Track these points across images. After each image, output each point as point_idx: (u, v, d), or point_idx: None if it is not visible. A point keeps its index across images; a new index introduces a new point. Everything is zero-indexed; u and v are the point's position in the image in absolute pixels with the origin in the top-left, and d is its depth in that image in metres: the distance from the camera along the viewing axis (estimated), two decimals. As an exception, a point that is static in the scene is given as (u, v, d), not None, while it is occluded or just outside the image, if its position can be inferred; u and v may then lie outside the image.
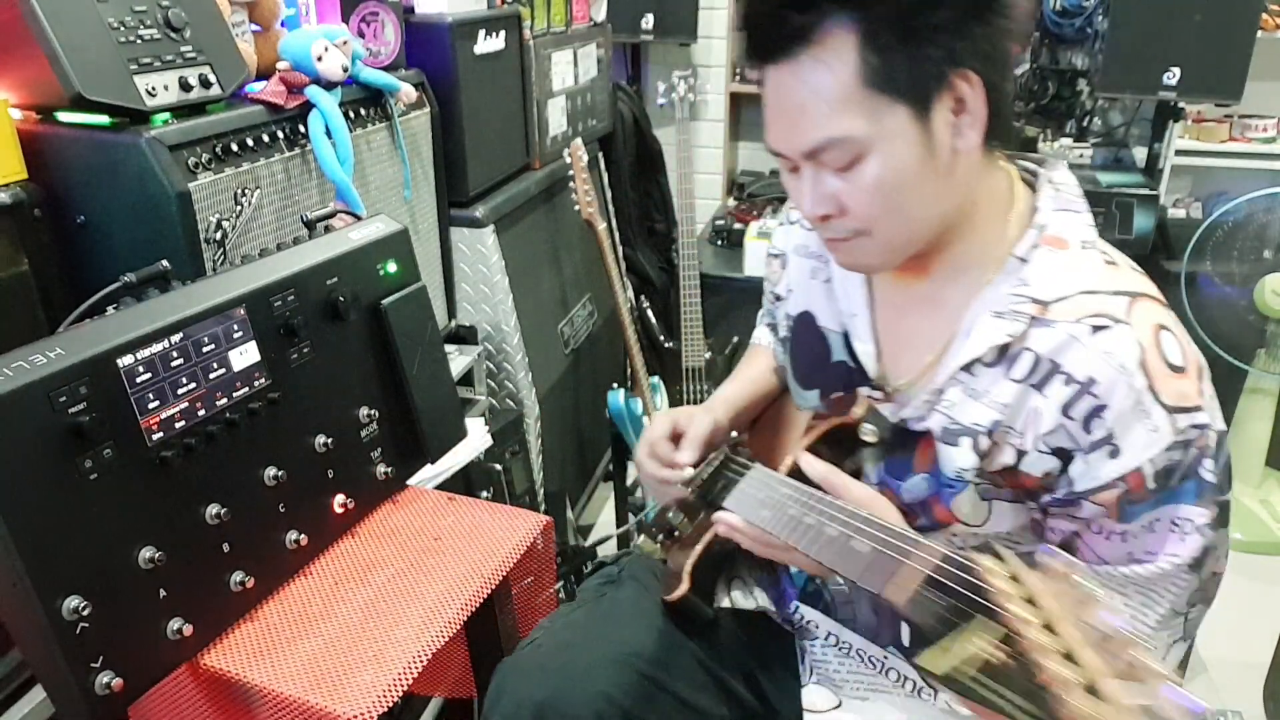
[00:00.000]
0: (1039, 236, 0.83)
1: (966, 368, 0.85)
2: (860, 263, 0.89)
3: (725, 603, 1.08)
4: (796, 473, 0.93)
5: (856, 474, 0.95)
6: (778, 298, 1.11)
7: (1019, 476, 0.84)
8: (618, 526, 2.34)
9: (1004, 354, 0.83)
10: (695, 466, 1.03)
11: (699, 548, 1.02)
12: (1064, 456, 0.81)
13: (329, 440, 1.04)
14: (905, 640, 0.97)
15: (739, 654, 1.07)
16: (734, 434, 1.11)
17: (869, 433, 0.91)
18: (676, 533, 1.10)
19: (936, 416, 0.88)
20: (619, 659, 0.96)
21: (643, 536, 1.16)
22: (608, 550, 2.24)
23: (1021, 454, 0.83)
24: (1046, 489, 0.83)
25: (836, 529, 0.78)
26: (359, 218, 1.21)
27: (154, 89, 1.09)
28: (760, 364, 1.21)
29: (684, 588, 0.98)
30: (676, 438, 1.06)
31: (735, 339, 2.42)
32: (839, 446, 0.94)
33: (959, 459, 0.87)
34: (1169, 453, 0.77)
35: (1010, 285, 0.83)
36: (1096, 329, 0.79)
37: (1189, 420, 0.77)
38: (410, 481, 1.21)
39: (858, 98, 0.76)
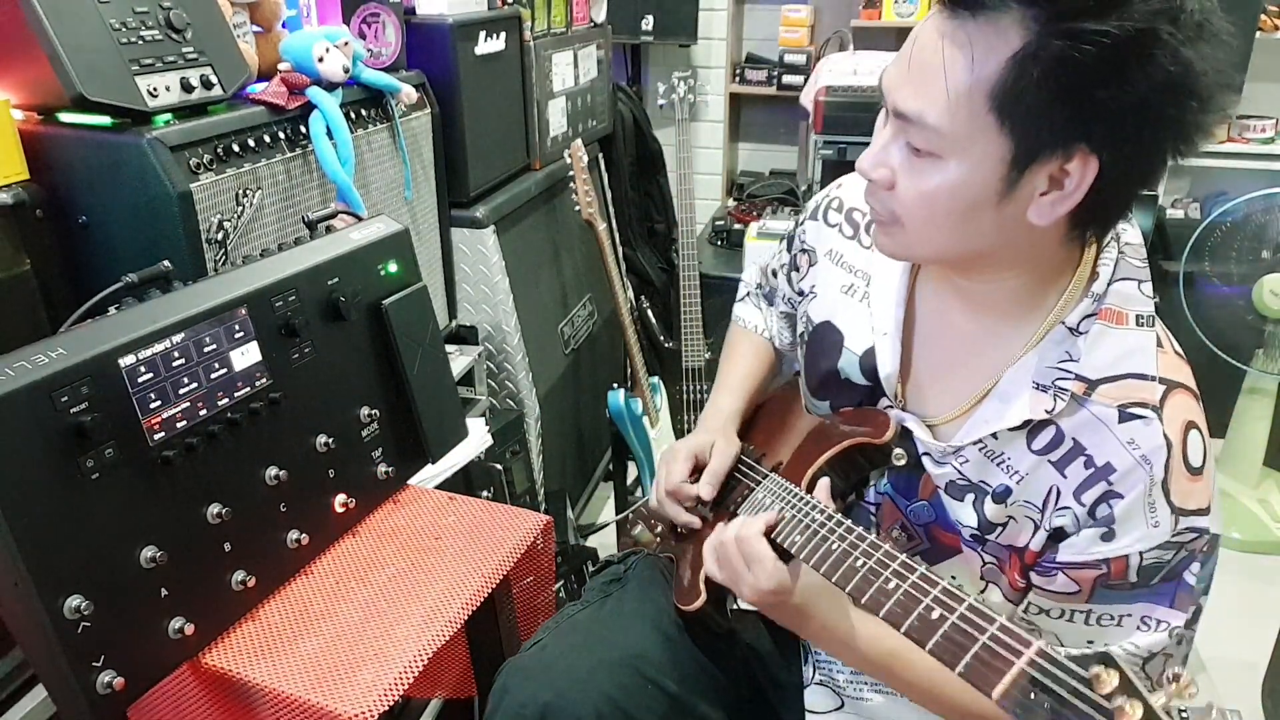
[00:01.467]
0: (1094, 307, 0.79)
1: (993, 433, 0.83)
2: (888, 247, 0.84)
3: (731, 604, 1.08)
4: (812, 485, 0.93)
5: (863, 484, 0.96)
6: (801, 293, 1.07)
7: (1026, 553, 0.84)
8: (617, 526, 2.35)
9: (1029, 421, 0.81)
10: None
11: None
12: (1059, 537, 0.81)
13: (330, 440, 1.05)
14: None
15: (742, 656, 1.07)
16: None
17: (899, 456, 0.89)
18: (680, 529, 1.10)
19: (947, 468, 0.87)
20: (623, 661, 0.96)
21: (640, 526, 1.16)
22: (604, 540, 2.25)
23: (1036, 529, 0.82)
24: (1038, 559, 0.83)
25: (896, 582, 0.73)
26: (360, 218, 1.22)
27: (155, 90, 1.09)
28: (753, 359, 1.19)
29: (701, 599, 0.98)
30: (696, 468, 1.06)
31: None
32: (855, 460, 0.93)
33: (959, 512, 0.87)
34: (1160, 550, 0.76)
35: (1056, 355, 0.79)
36: (1125, 416, 0.77)
37: (1189, 523, 0.76)
38: (411, 481, 1.22)
39: (974, 105, 0.69)
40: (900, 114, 0.73)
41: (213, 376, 0.92)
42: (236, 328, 0.95)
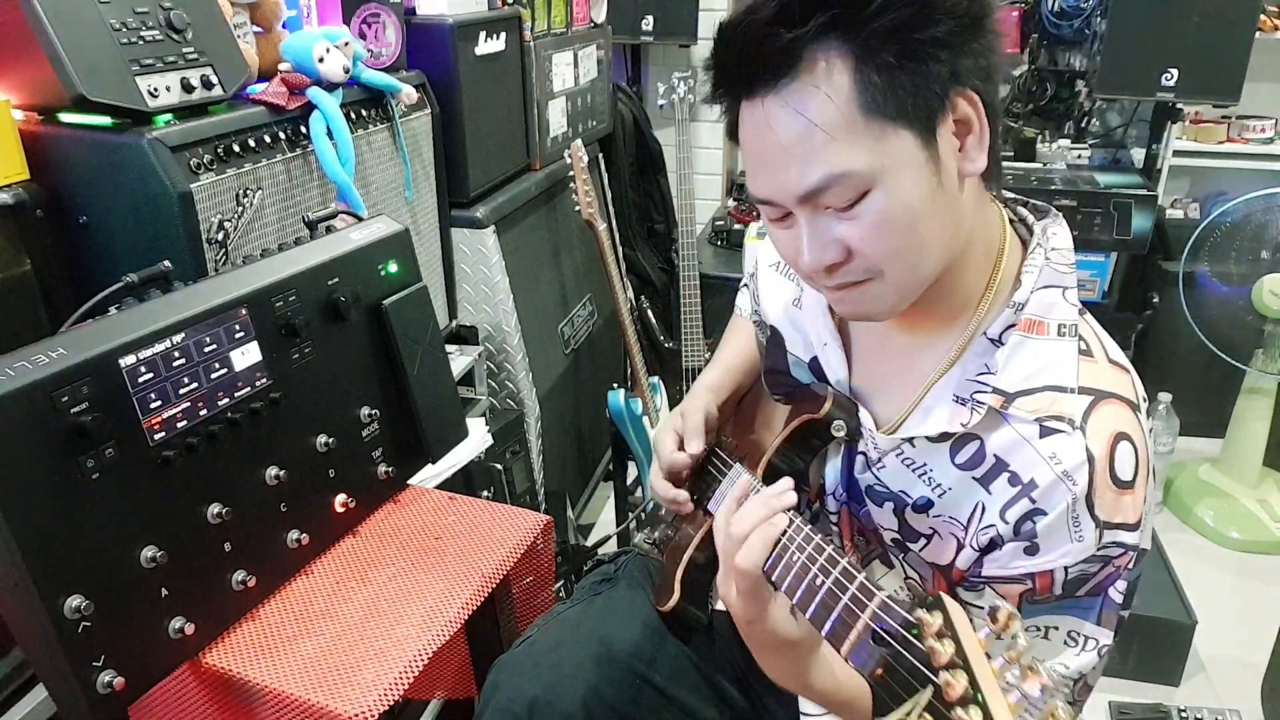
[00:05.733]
0: (1015, 317, 0.78)
1: (909, 439, 0.82)
2: (869, 310, 0.80)
3: (720, 604, 1.08)
4: (770, 474, 0.93)
5: (821, 485, 0.96)
6: (756, 302, 1.08)
7: (954, 570, 0.83)
8: (617, 526, 2.35)
9: (949, 434, 0.80)
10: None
11: (688, 553, 1.00)
12: (985, 550, 0.80)
13: (330, 440, 1.05)
14: None
15: (732, 655, 1.07)
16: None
17: (838, 428, 0.88)
18: (670, 531, 1.10)
19: (868, 475, 0.87)
20: (611, 657, 0.97)
21: (640, 535, 1.17)
22: (608, 550, 2.25)
23: (960, 548, 0.81)
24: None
25: (800, 558, 0.73)
26: (360, 218, 1.22)
27: (156, 90, 1.09)
28: (741, 341, 1.19)
29: (675, 598, 0.98)
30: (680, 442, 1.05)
31: (735, 339, 2.42)
32: (807, 442, 0.93)
33: (880, 518, 0.87)
34: (1085, 564, 0.75)
35: (976, 368, 0.79)
36: (1045, 431, 0.75)
37: (1115, 537, 0.74)
38: (411, 481, 1.22)
39: (860, 125, 0.70)
40: (808, 194, 0.72)
41: (213, 376, 0.92)
42: (237, 328, 0.95)
